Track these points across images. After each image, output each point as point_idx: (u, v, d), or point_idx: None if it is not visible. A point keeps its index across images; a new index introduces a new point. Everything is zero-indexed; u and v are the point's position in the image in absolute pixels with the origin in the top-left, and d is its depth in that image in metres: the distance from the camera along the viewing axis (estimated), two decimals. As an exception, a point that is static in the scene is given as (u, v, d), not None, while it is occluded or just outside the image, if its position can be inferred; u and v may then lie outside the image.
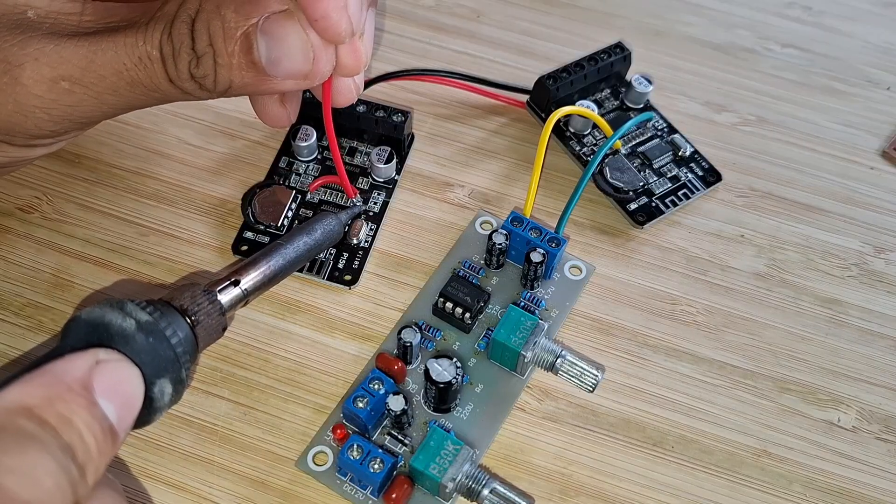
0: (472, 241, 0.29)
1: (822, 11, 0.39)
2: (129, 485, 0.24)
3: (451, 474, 0.22)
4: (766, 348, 0.28)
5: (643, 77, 0.33)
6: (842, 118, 0.35)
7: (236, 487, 0.24)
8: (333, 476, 0.24)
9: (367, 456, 0.23)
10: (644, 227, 0.31)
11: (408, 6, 0.38)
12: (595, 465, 0.26)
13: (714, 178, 0.32)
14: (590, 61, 0.33)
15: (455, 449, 0.23)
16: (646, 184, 0.31)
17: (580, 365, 0.25)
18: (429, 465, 0.22)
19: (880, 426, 0.27)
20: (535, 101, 0.33)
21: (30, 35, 0.22)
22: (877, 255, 0.31)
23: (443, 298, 0.26)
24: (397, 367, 0.25)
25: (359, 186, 0.31)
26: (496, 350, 0.26)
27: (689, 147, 0.33)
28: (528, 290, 0.28)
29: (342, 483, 0.24)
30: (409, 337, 0.25)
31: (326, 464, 0.24)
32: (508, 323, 0.25)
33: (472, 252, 0.29)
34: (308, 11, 0.20)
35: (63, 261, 0.29)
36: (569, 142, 0.32)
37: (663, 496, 0.25)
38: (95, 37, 0.22)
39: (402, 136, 0.31)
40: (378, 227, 0.30)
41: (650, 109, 0.34)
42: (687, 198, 0.31)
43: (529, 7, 0.38)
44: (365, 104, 0.31)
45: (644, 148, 0.33)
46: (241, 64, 0.21)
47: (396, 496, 0.23)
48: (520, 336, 0.25)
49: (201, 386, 0.26)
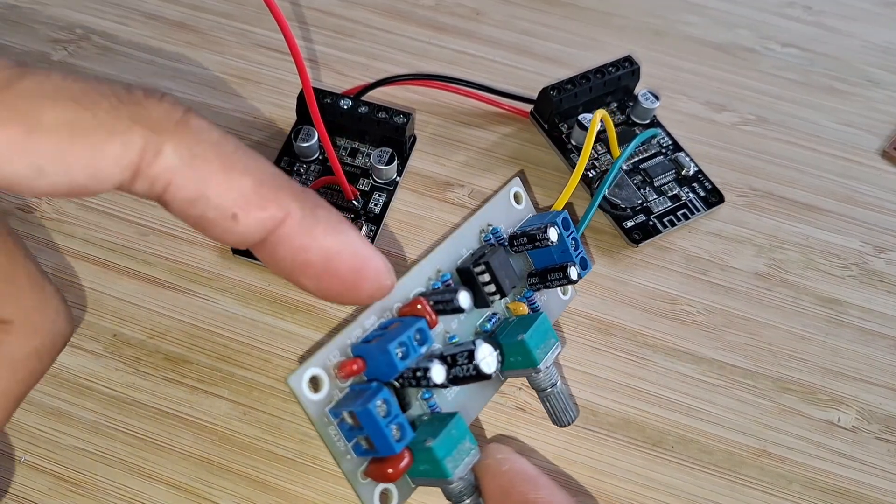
0: (501, 207, 0.26)
1: (823, 11, 0.39)
2: (129, 485, 0.24)
3: (459, 472, 0.20)
4: (766, 348, 0.28)
5: (650, 93, 0.33)
6: (842, 118, 0.35)
7: (236, 487, 0.24)
8: (323, 412, 0.20)
9: (392, 418, 0.19)
10: (639, 245, 0.30)
11: (408, 6, 0.38)
12: (595, 465, 0.26)
13: (716, 200, 0.31)
14: (596, 74, 0.32)
15: (470, 448, 0.21)
16: (644, 202, 0.31)
17: (566, 401, 0.24)
18: (446, 456, 0.20)
19: (880, 426, 0.27)
20: (539, 111, 0.33)
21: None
22: (877, 254, 0.31)
23: (482, 267, 0.23)
24: (430, 318, 0.22)
25: (359, 187, 0.31)
26: (514, 349, 0.23)
27: (693, 166, 0.32)
28: (533, 290, 0.26)
29: (329, 424, 0.20)
30: (465, 303, 0.21)
31: (320, 393, 0.20)
32: (539, 332, 0.23)
33: (499, 219, 0.26)
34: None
35: (63, 261, 0.29)
36: (570, 154, 0.32)
37: (663, 496, 0.25)
38: None
39: (403, 138, 0.31)
40: (378, 228, 0.30)
41: (656, 125, 0.33)
42: (686, 218, 0.31)
43: (529, 7, 0.38)
44: (367, 105, 0.31)
45: (646, 165, 0.32)
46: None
47: (394, 471, 0.20)
48: (543, 350, 0.23)
49: (201, 386, 0.26)
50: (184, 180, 0.16)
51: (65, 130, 0.15)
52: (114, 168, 0.15)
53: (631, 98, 0.34)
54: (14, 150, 0.14)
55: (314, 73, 0.35)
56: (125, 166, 0.15)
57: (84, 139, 0.15)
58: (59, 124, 0.15)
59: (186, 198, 0.16)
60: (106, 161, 0.15)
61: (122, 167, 0.15)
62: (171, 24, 0.36)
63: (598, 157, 0.32)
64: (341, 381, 0.20)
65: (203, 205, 0.16)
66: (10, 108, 0.14)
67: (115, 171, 0.15)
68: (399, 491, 0.21)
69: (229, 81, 0.34)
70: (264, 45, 0.35)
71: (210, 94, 0.34)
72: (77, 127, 0.15)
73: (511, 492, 0.20)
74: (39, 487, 0.24)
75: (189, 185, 0.16)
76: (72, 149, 0.15)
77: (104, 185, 0.16)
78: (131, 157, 0.15)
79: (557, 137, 0.32)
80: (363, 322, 0.21)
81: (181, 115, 0.16)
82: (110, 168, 0.15)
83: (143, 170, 0.15)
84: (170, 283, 0.28)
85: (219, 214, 0.16)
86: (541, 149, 0.33)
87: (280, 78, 0.34)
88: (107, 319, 0.27)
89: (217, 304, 0.28)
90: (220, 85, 0.34)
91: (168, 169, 0.16)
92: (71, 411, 0.25)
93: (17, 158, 0.14)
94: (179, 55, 0.35)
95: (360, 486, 0.20)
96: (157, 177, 0.16)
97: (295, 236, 0.17)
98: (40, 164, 0.15)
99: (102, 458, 0.25)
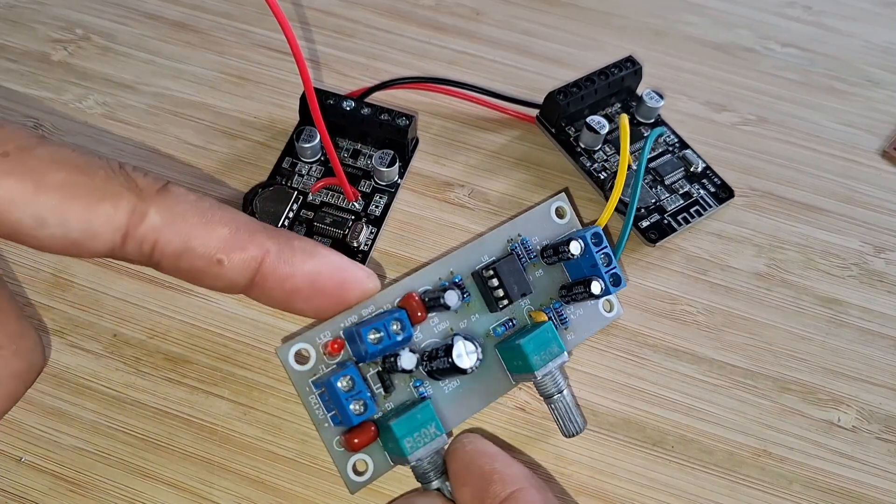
0: (539, 220, 0.27)
1: (823, 11, 0.39)
2: (129, 485, 0.24)
3: (419, 454, 0.22)
4: (766, 348, 0.28)
5: (654, 92, 0.33)
6: (842, 118, 0.35)
7: (236, 487, 0.24)
8: (306, 382, 0.22)
9: (354, 393, 0.22)
10: (656, 244, 0.30)
11: (408, 6, 0.38)
12: (595, 465, 0.26)
13: (726, 195, 0.32)
14: (600, 76, 0.32)
15: (435, 433, 0.22)
16: (658, 201, 0.31)
17: (572, 410, 0.24)
18: (405, 437, 0.22)
19: (880, 426, 0.27)
20: (545, 115, 0.33)
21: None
22: (877, 254, 0.31)
23: (492, 272, 0.25)
24: (420, 314, 0.24)
25: (361, 189, 0.31)
26: (513, 353, 0.25)
27: (702, 162, 0.32)
28: (563, 302, 0.26)
29: (310, 393, 0.22)
30: (452, 301, 0.23)
31: (306, 366, 0.22)
32: (539, 338, 0.24)
33: (534, 230, 0.27)
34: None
35: (63, 261, 0.29)
36: (579, 157, 0.32)
37: (663, 496, 0.25)
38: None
39: (405, 140, 0.31)
40: (378, 230, 0.30)
41: (661, 124, 0.33)
42: (699, 214, 0.31)
43: (529, 7, 0.38)
44: (369, 107, 0.30)
45: (655, 164, 0.32)
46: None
47: (359, 442, 0.22)
48: (542, 357, 0.24)
49: (201, 386, 0.26)
50: (168, 236, 0.18)
51: (66, 189, 0.17)
52: (106, 227, 0.18)
53: (634, 98, 0.34)
54: (22, 201, 0.17)
55: (314, 72, 0.35)
56: (116, 228, 0.18)
57: (81, 198, 0.18)
58: (62, 184, 0.17)
59: (173, 252, 0.19)
60: (99, 220, 0.18)
61: (113, 228, 0.18)
62: (171, 24, 0.36)
63: (608, 159, 0.32)
64: (328, 359, 0.23)
65: (190, 256, 0.19)
66: (26, 167, 0.17)
67: (107, 230, 0.18)
68: (375, 465, 0.23)
69: (229, 81, 0.34)
70: (265, 45, 0.35)
71: (210, 94, 0.34)
72: (76, 188, 0.18)
73: (471, 466, 0.21)
74: (39, 487, 0.24)
75: (174, 240, 0.19)
76: (70, 205, 0.17)
77: (97, 244, 0.18)
78: (121, 219, 0.18)
79: (565, 141, 0.32)
80: (359, 310, 0.23)
81: (162, 184, 0.19)
82: (103, 227, 0.18)
83: (131, 231, 0.18)
84: (170, 283, 0.28)
85: (205, 262, 0.19)
86: (546, 150, 0.33)
87: (281, 78, 0.34)
88: (107, 319, 0.27)
89: (217, 304, 0.28)
90: (220, 85, 0.34)
91: (153, 229, 0.18)
92: (71, 411, 0.25)
93: (23, 208, 0.17)
94: (179, 55, 0.35)
95: (335, 453, 0.22)
96: (144, 237, 0.18)
97: (277, 268, 0.19)
98: (42, 216, 0.17)
99: (102, 458, 0.25)
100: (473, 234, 0.30)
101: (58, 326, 0.27)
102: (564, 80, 0.33)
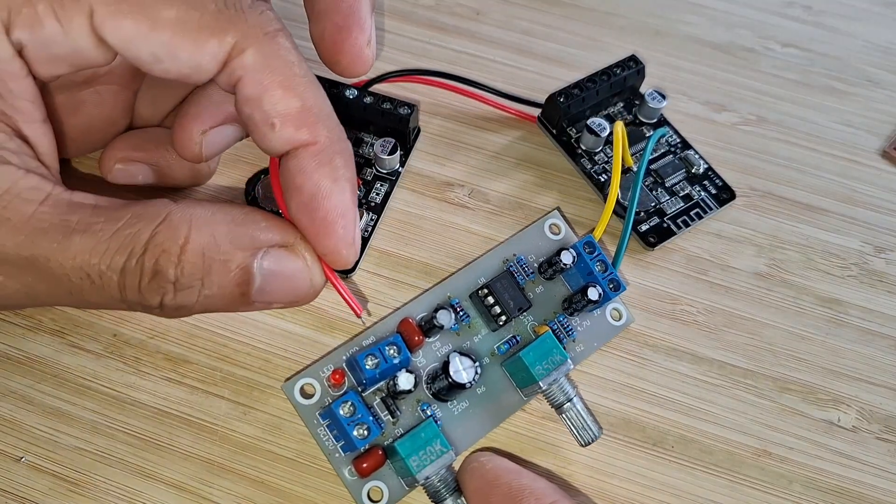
0: (533, 238, 0.28)
1: (823, 11, 0.39)
2: (129, 485, 0.24)
3: (427, 472, 0.22)
4: (766, 348, 0.28)
5: (657, 92, 0.32)
6: (842, 118, 0.35)
7: (236, 487, 0.24)
8: (313, 414, 0.23)
9: (356, 418, 0.22)
10: (655, 248, 0.30)
11: (408, 6, 0.38)
12: (595, 465, 0.26)
13: (728, 196, 0.31)
14: (602, 76, 0.32)
15: (441, 450, 0.22)
16: (657, 203, 0.31)
17: (585, 418, 0.24)
18: (411, 455, 0.22)
19: (880, 426, 0.27)
20: (546, 117, 0.33)
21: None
22: (877, 254, 0.31)
23: (486, 290, 0.26)
24: (417, 338, 0.24)
25: (362, 177, 0.31)
26: (516, 367, 0.25)
27: (703, 164, 0.32)
28: (567, 314, 0.27)
29: (318, 425, 0.23)
30: (444, 320, 0.24)
31: (311, 399, 0.23)
32: (540, 349, 0.24)
33: (529, 249, 0.27)
34: (318, 248, 0.21)
35: (63, 261, 0.29)
36: (580, 159, 0.32)
37: (663, 496, 0.25)
38: (44, 237, 0.19)
39: (407, 129, 0.31)
40: (379, 217, 0.30)
41: (663, 124, 0.33)
42: (700, 217, 0.31)
43: (529, 7, 0.38)
44: (372, 95, 0.31)
45: (656, 165, 0.32)
46: (233, 294, 0.20)
47: (367, 466, 0.23)
48: (544, 367, 0.24)
49: (201, 386, 0.26)
50: (250, 81, 0.20)
51: (178, 26, 0.19)
52: (211, 62, 0.19)
53: (637, 97, 0.34)
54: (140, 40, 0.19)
55: (315, 72, 0.35)
56: (218, 61, 0.19)
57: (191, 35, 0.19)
58: (174, 21, 0.19)
59: (245, 95, 0.20)
60: (205, 57, 0.19)
61: (216, 61, 0.19)
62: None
63: (609, 161, 0.32)
64: (333, 391, 0.24)
65: (253, 106, 0.20)
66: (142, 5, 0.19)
67: (211, 64, 0.20)
68: (390, 491, 0.23)
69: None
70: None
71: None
72: (186, 24, 0.19)
73: (497, 483, 0.21)
74: (39, 487, 0.24)
75: (252, 88, 0.20)
76: (181, 42, 0.19)
77: (202, 75, 0.20)
78: (223, 53, 0.19)
79: (566, 142, 0.32)
80: (360, 341, 0.24)
81: (272, 29, 0.20)
82: (209, 62, 0.19)
83: (228, 62, 0.20)
84: (170, 282, 0.28)
85: (262, 119, 0.20)
86: (546, 151, 0.33)
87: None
88: (107, 319, 0.27)
89: (217, 304, 0.28)
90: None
91: (242, 67, 0.20)
92: (71, 411, 0.25)
93: (143, 46, 0.19)
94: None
95: (349, 482, 0.23)
96: (234, 71, 0.20)
97: (307, 160, 0.20)
98: (157, 53, 0.19)
99: (102, 458, 0.25)
100: (473, 234, 0.30)
101: (58, 326, 0.27)
102: (564, 80, 0.33)
